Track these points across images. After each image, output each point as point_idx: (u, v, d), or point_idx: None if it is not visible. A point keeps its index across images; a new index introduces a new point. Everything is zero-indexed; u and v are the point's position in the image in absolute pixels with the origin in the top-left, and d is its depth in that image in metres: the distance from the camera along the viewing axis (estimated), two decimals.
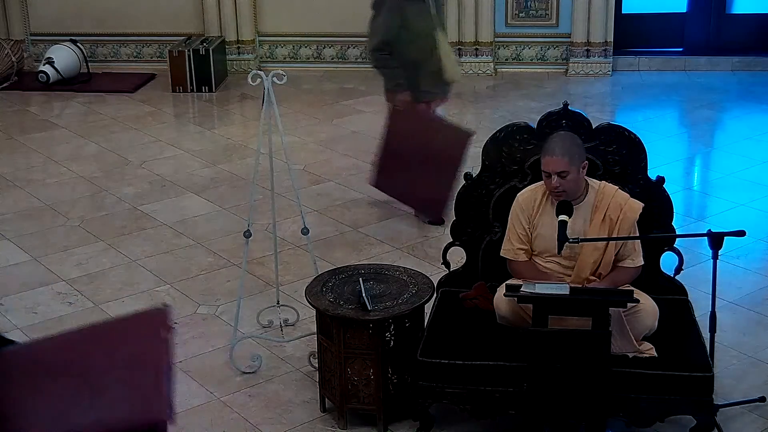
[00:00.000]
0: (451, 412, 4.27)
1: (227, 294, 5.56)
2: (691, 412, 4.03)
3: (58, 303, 5.52)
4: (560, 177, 4.12)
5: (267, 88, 4.65)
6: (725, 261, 5.41)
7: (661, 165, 7.01)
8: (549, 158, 4.13)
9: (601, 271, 4.23)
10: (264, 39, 10.31)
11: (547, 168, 4.14)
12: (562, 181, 4.12)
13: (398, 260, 5.83)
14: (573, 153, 4.14)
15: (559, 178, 4.12)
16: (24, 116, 8.95)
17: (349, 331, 4.21)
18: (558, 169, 4.11)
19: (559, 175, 4.11)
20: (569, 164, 4.11)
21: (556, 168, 4.11)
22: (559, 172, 4.11)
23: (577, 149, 4.17)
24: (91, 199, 6.99)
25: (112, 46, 10.42)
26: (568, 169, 4.12)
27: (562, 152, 4.11)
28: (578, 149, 4.18)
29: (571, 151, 4.14)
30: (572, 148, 4.15)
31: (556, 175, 4.11)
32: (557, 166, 4.11)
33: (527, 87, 9.51)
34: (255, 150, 7.02)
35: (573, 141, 4.21)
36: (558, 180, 4.12)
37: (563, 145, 4.15)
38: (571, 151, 4.13)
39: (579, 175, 4.18)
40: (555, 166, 4.11)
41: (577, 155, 4.15)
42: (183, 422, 4.43)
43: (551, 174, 4.13)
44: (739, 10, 10.21)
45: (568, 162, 4.11)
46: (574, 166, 4.13)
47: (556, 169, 4.11)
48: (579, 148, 4.20)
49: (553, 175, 4.12)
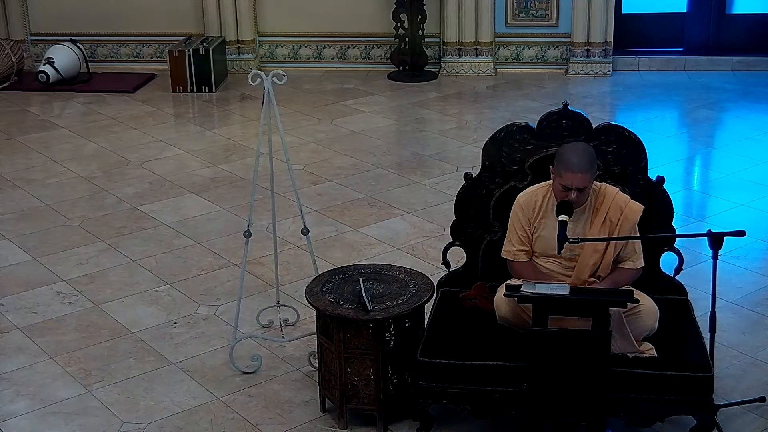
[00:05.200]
0: (451, 412, 4.27)
1: (227, 294, 5.56)
2: (691, 412, 4.03)
3: (58, 303, 5.52)
4: (579, 192, 4.12)
5: (267, 88, 4.65)
6: (725, 261, 5.42)
7: (661, 165, 7.02)
8: (572, 174, 4.09)
9: (601, 273, 4.23)
10: (264, 39, 10.32)
11: (569, 183, 4.10)
12: (580, 194, 4.13)
13: (398, 260, 5.83)
14: (593, 167, 4.14)
15: (579, 193, 4.12)
16: (24, 116, 8.95)
17: (349, 331, 4.21)
18: (580, 185, 4.10)
19: (579, 190, 4.11)
20: (590, 180, 4.12)
21: (579, 184, 4.10)
22: (581, 188, 4.11)
23: (594, 163, 4.17)
24: (91, 199, 6.99)
25: (112, 46, 10.42)
26: (588, 185, 4.13)
27: (585, 169, 4.09)
28: (595, 161, 4.18)
29: (592, 165, 4.13)
30: (592, 163, 4.14)
31: (576, 190, 4.11)
32: (580, 183, 4.09)
33: (527, 87, 9.51)
34: (255, 150, 7.03)
35: (592, 154, 4.18)
36: (577, 195, 4.12)
37: (585, 160, 4.11)
38: (592, 167, 4.13)
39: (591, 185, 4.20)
40: (578, 182, 4.09)
41: (594, 168, 4.17)
42: (183, 422, 4.44)
43: (572, 189, 4.12)
44: (739, 10, 10.21)
45: (589, 177, 4.11)
46: (592, 181, 4.15)
47: (578, 186, 4.10)
48: (595, 160, 4.19)
49: (574, 189, 4.12)
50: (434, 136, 8.25)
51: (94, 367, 4.88)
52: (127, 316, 5.36)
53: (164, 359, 4.94)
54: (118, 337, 5.15)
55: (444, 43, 9.94)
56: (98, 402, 4.60)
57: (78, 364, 4.91)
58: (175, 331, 5.21)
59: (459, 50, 9.88)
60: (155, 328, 5.24)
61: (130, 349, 5.04)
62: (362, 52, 10.22)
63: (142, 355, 4.98)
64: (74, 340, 5.13)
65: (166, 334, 5.18)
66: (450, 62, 9.94)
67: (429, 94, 9.39)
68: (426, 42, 9.91)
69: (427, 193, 6.96)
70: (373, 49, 10.20)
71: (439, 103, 9.14)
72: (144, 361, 4.92)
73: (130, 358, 4.96)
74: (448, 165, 7.49)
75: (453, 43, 9.89)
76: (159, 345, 5.07)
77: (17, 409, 4.56)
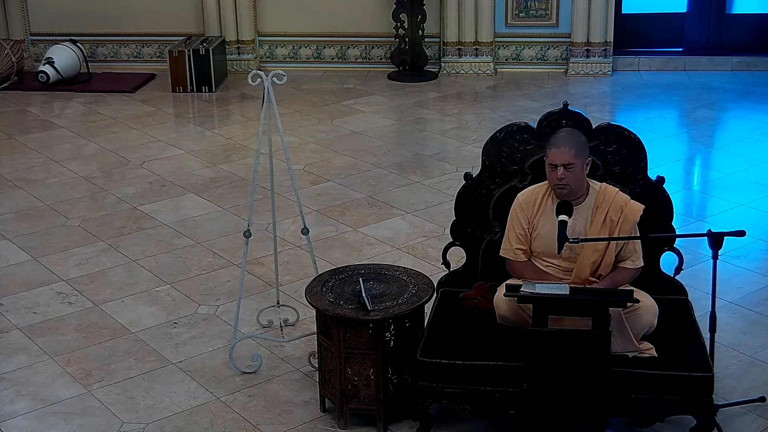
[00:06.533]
0: (451, 412, 4.27)
1: (227, 294, 5.56)
2: (691, 412, 4.03)
3: (58, 303, 5.52)
4: (566, 169, 4.12)
5: (267, 88, 4.65)
6: (725, 261, 5.42)
7: (661, 165, 7.02)
8: (555, 150, 4.13)
9: (601, 273, 4.23)
10: (264, 39, 10.31)
11: (553, 160, 4.14)
12: (567, 173, 4.12)
13: (398, 260, 5.83)
14: (579, 146, 4.16)
15: (565, 170, 4.12)
16: (24, 116, 8.95)
17: (349, 331, 4.21)
18: (564, 160, 4.11)
19: (565, 167, 4.11)
20: (575, 156, 4.12)
21: (563, 160, 4.11)
22: (566, 164, 4.11)
23: (582, 144, 4.19)
24: (91, 199, 6.99)
25: (112, 46, 10.42)
26: (574, 162, 4.12)
27: (569, 144, 4.13)
28: (583, 144, 4.20)
29: (578, 144, 4.16)
30: (579, 142, 4.18)
31: (562, 166, 4.11)
32: (564, 158, 4.11)
33: (527, 87, 9.51)
34: (255, 150, 7.03)
35: (579, 136, 4.24)
36: (563, 172, 4.12)
37: (570, 138, 4.18)
38: (577, 144, 4.15)
39: (583, 172, 4.18)
40: (561, 157, 4.11)
41: (582, 149, 4.17)
42: (183, 422, 4.44)
43: (557, 166, 4.13)
44: (739, 10, 10.21)
45: (574, 154, 4.11)
46: (579, 160, 4.14)
47: (562, 161, 4.11)
48: (584, 144, 4.21)
49: (559, 166, 4.12)
50: (434, 136, 8.25)
51: (94, 367, 4.88)
52: (127, 316, 5.36)
53: (164, 359, 4.94)
54: (118, 337, 5.15)
55: (444, 43, 9.94)
56: (98, 402, 4.60)
57: (78, 364, 4.91)
58: (175, 331, 5.21)
59: (459, 50, 9.88)
60: (155, 328, 5.24)
61: (130, 349, 5.04)
62: (362, 52, 10.22)
63: (142, 355, 4.98)
64: (74, 340, 5.13)
65: (166, 334, 5.18)
66: (450, 62, 9.94)
67: (429, 94, 9.39)
68: (426, 42, 9.92)
69: (427, 193, 6.96)
70: (373, 49, 10.20)
71: (439, 103, 9.15)
72: (144, 361, 4.92)
73: (130, 358, 4.96)
74: (448, 165, 7.49)
75: (453, 43, 9.89)
76: (159, 345, 5.07)
77: (17, 409, 4.56)
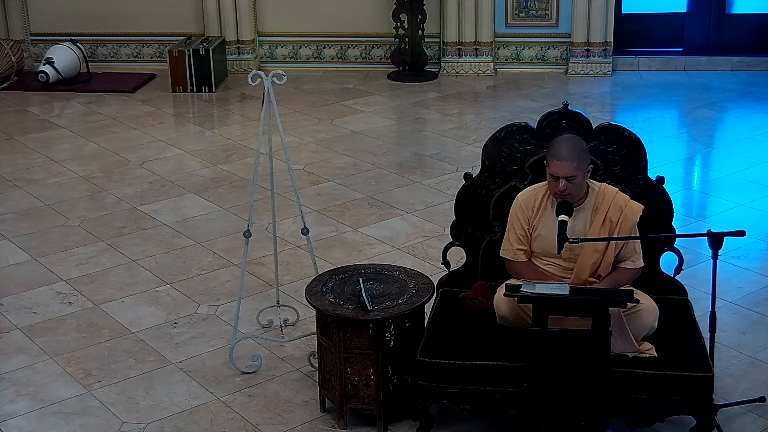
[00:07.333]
0: (451, 412, 4.27)
1: (227, 294, 5.56)
2: (691, 412, 4.03)
3: (58, 303, 5.52)
4: (568, 181, 4.12)
5: (267, 88, 4.65)
6: (725, 261, 5.42)
7: (661, 165, 7.02)
8: (558, 162, 4.11)
9: (601, 273, 4.23)
10: (264, 39, 10.31)
11: (555, 171, 4.12)
12: (569, 184, 4.12)
13: (398, 260, 5.83)
14: (581, 157, 4.14)
15: (567, 182, 4.12)
16: (24, 116, 8.95)
17: (349, 331, 4.21)
18: (566, 173, 4.10)
19: (567, 179, 4.11)
20: (577, 168, 4.11)
21: (565, 172, 4.10)
22: (568, 176, 4.11)
23: (584, 153, 4.17)
24: (91, 199, 6.99)
25: (112, 46, 10.41)
26: (576, 173, 4.12)
27: (571, 156, 4.10)
28: (585, 153, 4.18)
29: (580, 155, 4.13)
30: (580, 152, 4.15)
31: (564, 179, 4.11)
32: (566, 171, 4.10)
33: (527, 87, 9.51)
34: (255, 150, 7.03)
35: (580, 145, 4.20)
36: (565, 184, 4.12)
37: (571, 149, 4.13)
38: (579, 155, 4.13)
39: (584, 180, 4.18)
40: (564, 170, 4.10)
41: (584, 159, 4.16)
42: (183, 422, 4.44)
43: (559, 178, 4.12)
44: (739, 10, 10.21)
45: (576, 166, 4.11)
46: (580, 171, 4.14)
47: (564, 173, 4.10)
48: (585, 152, 4.19)
49: (561, 178, 4.11)
50: (434, 136, 8.25)
51: (94, 367, 4.88)
52: (127, 316, 5.36)
53: (164, 359, 4.94)
54: (118, 337, 5.15)
55: (444, 43, 9.94)
56: (98, 402, 4.60)
57: (78, 364, 4.91)
58: (175, 331, 5.21)
59: (459, 50, 9.88)
60: (155, 328, 5.24)
61: (130, 349, 5.04)
62: (362, 52, 10.22)
63: (142, 355, 4.98)
64: (74, 340, 5.13)
65: (166, 334, 5.18)
66: (450, 62, 9.94)
67: (429, 94, 9.39)
68: (426, 42, 9.91)
69: (427, 193, 6.96)
70: (373, 49, 10.20)
71: (439, 103, 9.15)
72: (144, 361, 4.93)
73: (130, 358, 4.96)
74: (448, 165, 7.49)
75: (453, 43, 9.89)
76: (159, 345, 5.07)
77: (17, 409, 4.56)
